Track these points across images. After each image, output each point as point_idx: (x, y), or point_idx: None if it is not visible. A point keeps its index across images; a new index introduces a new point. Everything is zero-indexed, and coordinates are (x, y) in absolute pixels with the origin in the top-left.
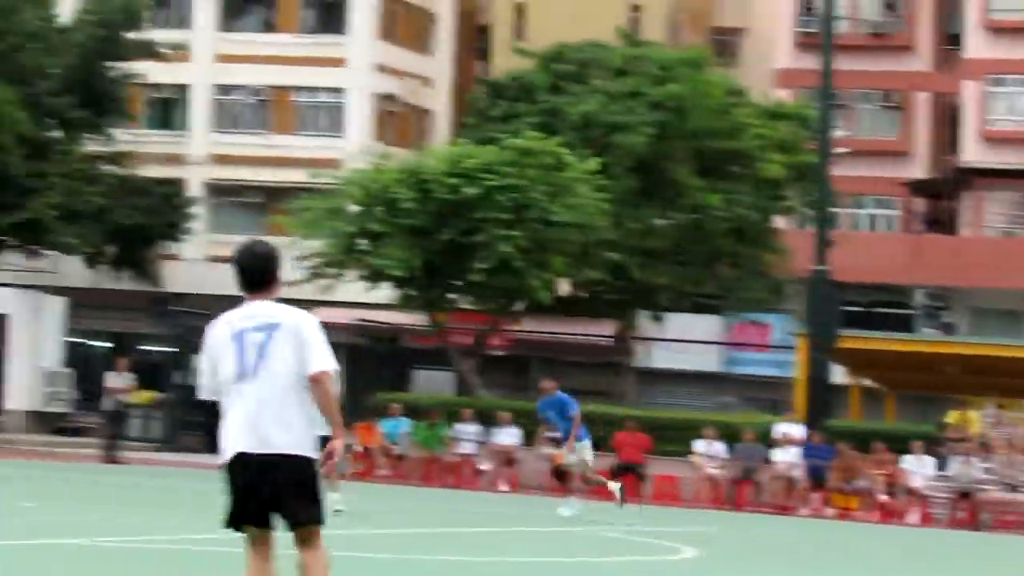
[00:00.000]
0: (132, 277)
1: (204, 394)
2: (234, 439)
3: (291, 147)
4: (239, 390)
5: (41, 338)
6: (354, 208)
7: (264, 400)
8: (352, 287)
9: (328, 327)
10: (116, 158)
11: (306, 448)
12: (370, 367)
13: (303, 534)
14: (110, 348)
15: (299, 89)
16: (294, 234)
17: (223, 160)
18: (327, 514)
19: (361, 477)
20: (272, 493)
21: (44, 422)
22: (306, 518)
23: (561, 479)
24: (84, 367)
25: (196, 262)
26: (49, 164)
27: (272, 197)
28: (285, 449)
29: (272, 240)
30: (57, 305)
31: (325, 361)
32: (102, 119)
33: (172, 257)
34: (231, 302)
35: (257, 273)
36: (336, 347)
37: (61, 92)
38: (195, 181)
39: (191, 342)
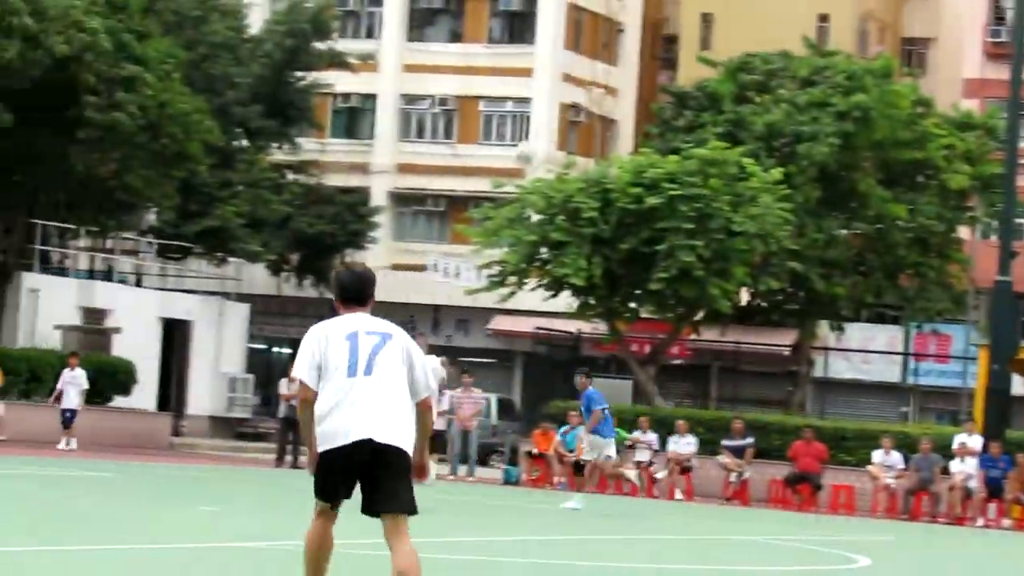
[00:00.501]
0: (314, 284)
1: (305, 378)
2: (349, 426)
3: (475, 156)
4: (351, 384)
5: (224, 344)
6: (536, 217)
7: (380, 397)
8: (532, 295)
9: (508, 335)
10: (301, 167)
11: (411, 446)
12: (548, 375)
13: (397, 521)
14: (291, 355)
15: (485, 99)
16: (476, 242)
17: (407, 169)
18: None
19: (536, 484)
20: (380, 479)
21: (226, 427)
22: (406, 506)
23: (578, 472)
24: (265, 373)
25: (379, 270)
26: (235, 173)
27: (455, 206)
28: (400, 443)
29: (454, 248)
30: (240, 311)
31: (429, 388)
32: (288, 128)
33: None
34: (413, 310)
35: (360, 290)
36: (514, 355)
37: (249, 102)
38: (379, 190)
39: None
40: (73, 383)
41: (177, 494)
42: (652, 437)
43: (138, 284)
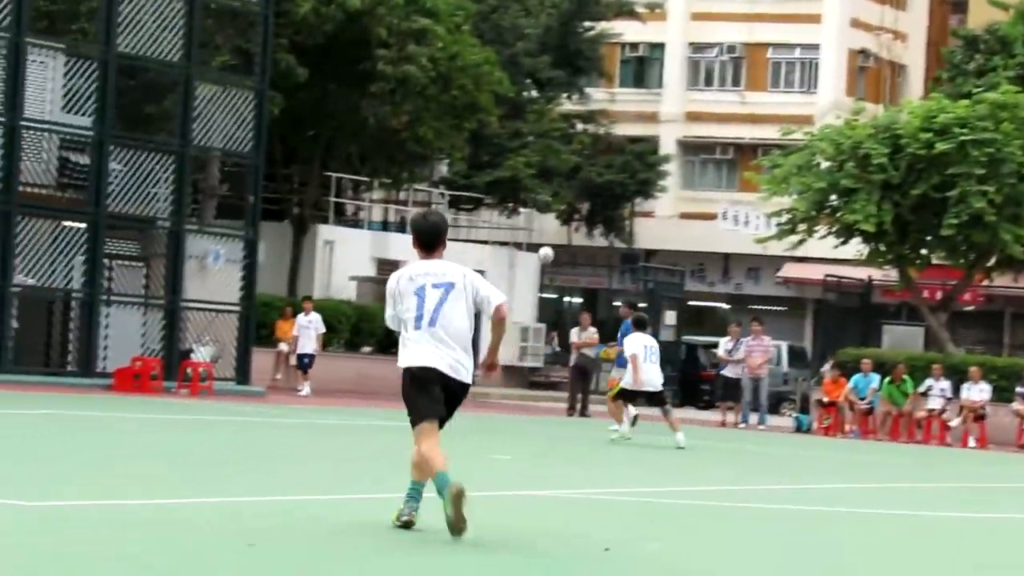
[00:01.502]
0: (604, 234)
1: (389, 324)
2: (426, 358)
3: (764, 104)
4: (423, 332)
5: (516, 294)
6: (825, 164)
7: (446, 343)
8: (822, 243)
9: (798, 283)
10: (590, 117)
11: (469, 377)
12: (838, 322)
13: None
14: (581, 304)
15: (773, 46)
16: (765, 190)
17: (696, 117)
18: None
19: (827, 432)
20: (450, 405)
21: (518, 376)
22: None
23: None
24: (557, 322)
25: (668, 219)
26: (525, 123)
27: (743, 154)
28: (465, 379)
29: (743, 196)
30: (531, 262)
31: (496, 296)
32: (577, 78)
33: (644, 214)
34: (700, 258)
35: (434, 237)
36: (805, 302)
37: (537, 52)
38: (668, 138)
39: (662, 298)
40: (308, 328)
41: (471, 443)
42: (945, 384)
43: None
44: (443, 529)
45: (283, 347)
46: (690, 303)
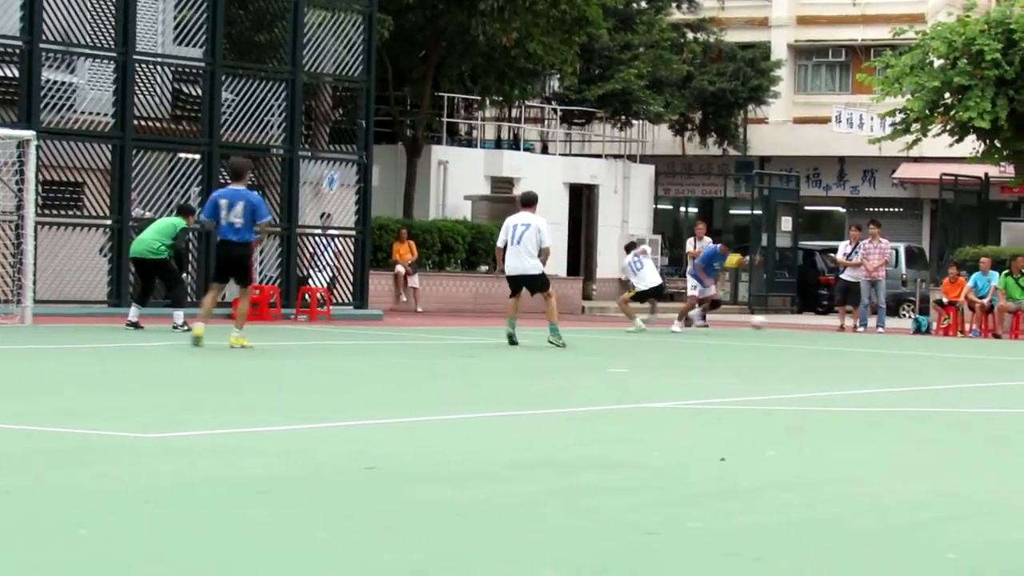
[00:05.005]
0: (718, 142)
1: (499, 244)
2: (511, 266)
3: (876, 4)
4: (512, 250)
5: (631, 206)
6: (938, 62)
7: (521, 255)
8: (937, 142)
9: (914, 183)
10: (700, 25)
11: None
12: (956, 221)
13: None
14: (697, 214)
15: None
16: (878, 91)
17: (807, 21)
18: None
19: (947, 332)
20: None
21: None
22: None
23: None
24: (673, 232)
25: (781, 124)
26: (635, 35)
27: (856, 55)
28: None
29: (857, 98)
30: (646, 173)
31: (545, 241)
32: None
33: (757, 121)
34: (815, 162)
35: (527, 202)
36: (921, 203)
37: None
38: (779, 43)
39: (778, 204)
40: None
41: (589, 358)
42: None
43: (544, 151)
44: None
45: (400, 269)
46: (806, 208)
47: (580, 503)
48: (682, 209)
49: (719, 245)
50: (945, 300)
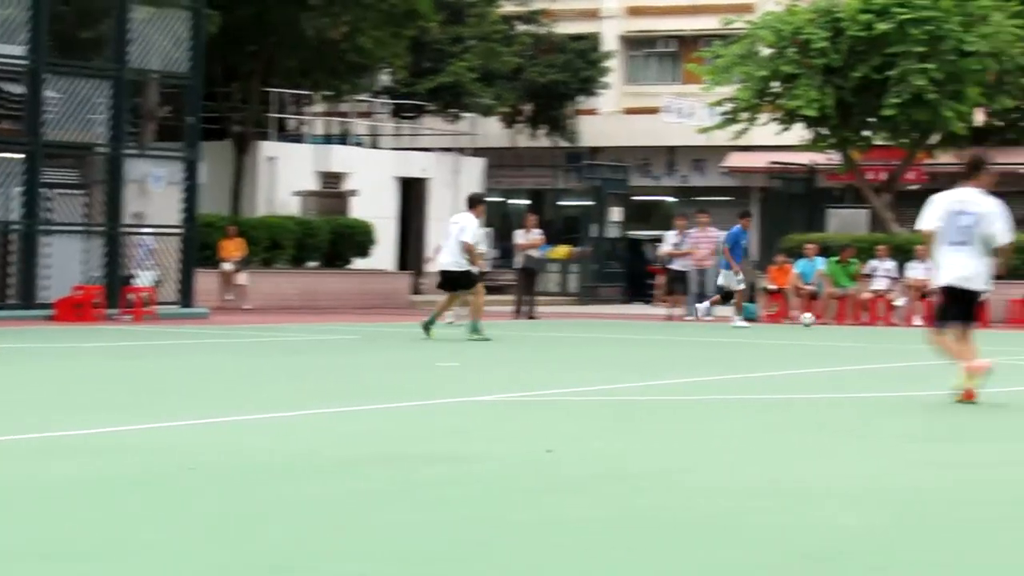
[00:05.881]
0: (549, 134)
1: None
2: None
3: None
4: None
5: (461, 199)
6: (766, 51)
7: (452, 252)
8: (765, 130)
9: (743, 171)
10: (531, 17)
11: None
12: (784, 209)
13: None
14: (528, 206)
15: None
16: (707, 81)
17: (637, 12)
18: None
19: (775, 319)
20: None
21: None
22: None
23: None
24: (503, 225)
25: (612, 115)
26: (466, 27)
27: (686, 45)
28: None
29: (687, 88)
30: (476, 166)
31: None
32: None
33: (588, 112)
34: (645, 153)
35: (472, 201)
36: (750, 191)
37: None
38: (609, 34)
39: (607, 195)
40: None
41: (417, 351)
42: (890, 264)
43: (374, 146)
44: (401, 448)
45: (227, 267)
46: (636, 198)
47: (412, 497)
48: (512, 201)
49: (740, 223)
50: (773, 287)
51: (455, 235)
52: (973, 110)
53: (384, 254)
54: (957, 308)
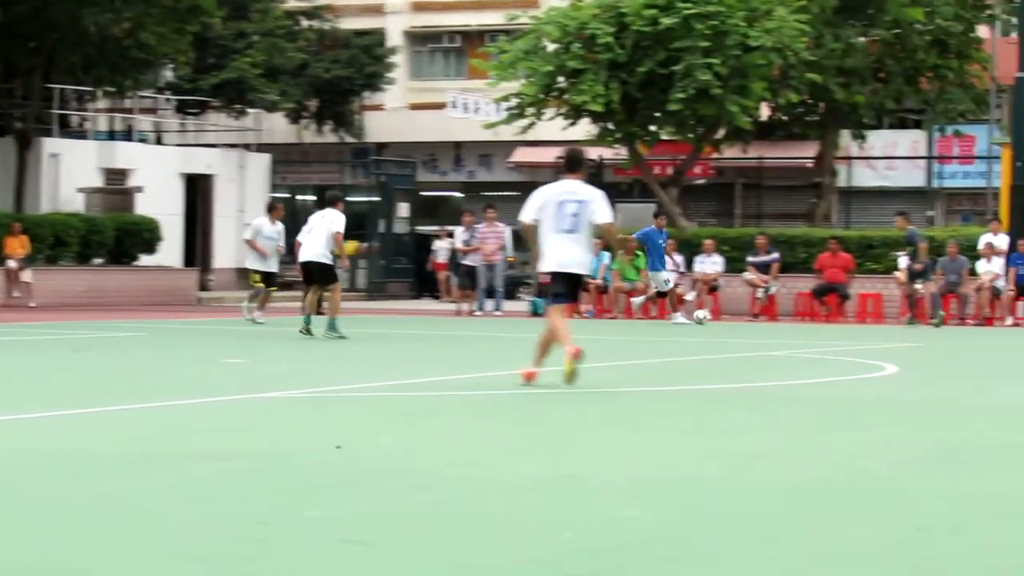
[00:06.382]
0: (334, 130)
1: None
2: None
3: None
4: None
5: (247, 196)
6: (552, 46)
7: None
8: (552, 125)
9: (530, 166)
10: (315, 12)
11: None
12: None
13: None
14: (314, 202)
15: None
16: (492, 77)
17: (422, 7)
18: None
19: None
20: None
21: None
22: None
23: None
24: (290, 222)
25: (398, 111)
26: (249, 23)
27: (471, 41)
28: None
29: (472, 83)
30: (262, 162)
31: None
32: None
33: (374, 108)
34: (432, 148)
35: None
36: (537, 186)
37: None
38: (394, 30)
39: (394, 191)
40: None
41: (203, 349)
42: (679, 259)
43: (158, 142)
44: (184, 446)
45: (12, 264)
46: (423, 194)
47: (194, 495)
48: (299, 197)
49: (654, 224)
50: None
51: (321, 228)
52: (758, 105)
53: (171, 251)
54: (564, 289)
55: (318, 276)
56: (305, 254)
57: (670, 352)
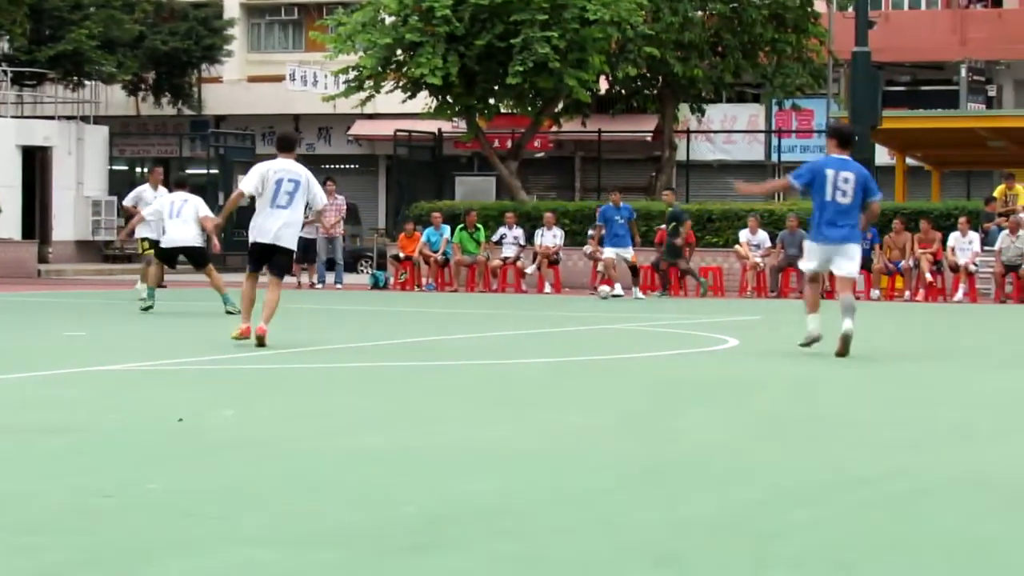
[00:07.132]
0: (172, 102)
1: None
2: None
3: None
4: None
5: (86, 168)
6: (390, 19)
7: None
8: (391, 98)
9: (369, 139)
10: None
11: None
12: (411, 177)
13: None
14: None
15: None
16: (330, 49)
17: None
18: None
19: (404, 287)
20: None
21: (92, 251)
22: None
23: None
24: (129, 194)
25: (236, 83)
26: None
27: (309, 13)
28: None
29: (311, 56)
30: (100, 134)
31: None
32: None
33: (212, 80)
34: (271, 120)
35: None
36: (377, 159)
37: None
38: (232, 2)
39: (233, 163)
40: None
41: (44, 321)
42: (519, 232)
43: None
44: (22, 418)
45: None
46: None
47: (33, 468)
48: (138, 169)
49: (610, 200)
50: (402, 255)
51: (188, 212)
52: (596, 78)
53: (9, 223)
54: (259, 261)
55: (193, 260)
56: (176, 239)
57: (516, 326)
